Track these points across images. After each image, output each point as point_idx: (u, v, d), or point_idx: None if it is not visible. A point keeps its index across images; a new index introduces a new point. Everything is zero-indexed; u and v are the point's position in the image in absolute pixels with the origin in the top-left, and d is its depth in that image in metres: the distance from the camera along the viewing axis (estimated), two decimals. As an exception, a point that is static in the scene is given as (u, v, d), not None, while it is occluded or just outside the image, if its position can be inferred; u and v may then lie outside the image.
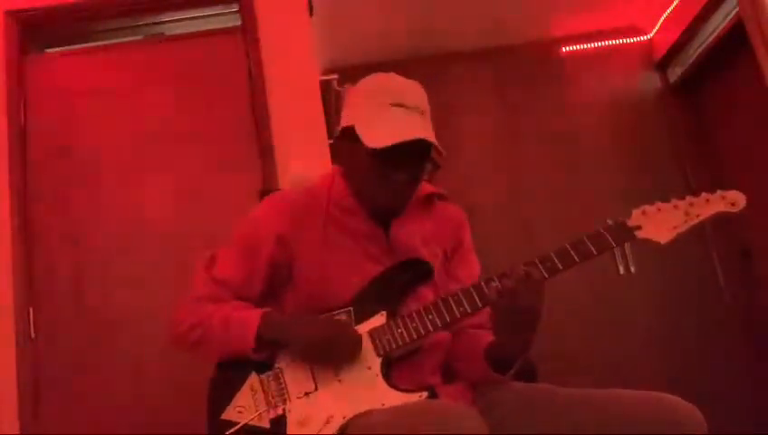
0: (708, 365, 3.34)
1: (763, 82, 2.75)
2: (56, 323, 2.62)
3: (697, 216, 1.18)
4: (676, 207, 1.18)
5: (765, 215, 2.82)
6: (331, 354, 1.21)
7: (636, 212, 1.20)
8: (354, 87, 1.36)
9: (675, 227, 1.17)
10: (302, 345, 1.22)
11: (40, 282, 2.66)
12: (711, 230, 3.49)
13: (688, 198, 1.19)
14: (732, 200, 1.18)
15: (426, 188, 1.39)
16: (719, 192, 1.18)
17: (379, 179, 1.26)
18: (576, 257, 1.17)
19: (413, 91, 1.29)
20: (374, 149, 1.22)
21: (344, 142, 1.32)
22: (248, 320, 1.23)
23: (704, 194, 1.18)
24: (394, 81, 1.31)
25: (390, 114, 1.24)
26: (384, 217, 1.33)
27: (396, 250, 1.31)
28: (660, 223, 1.18)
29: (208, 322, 1.28)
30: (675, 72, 3.76)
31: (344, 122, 1.31)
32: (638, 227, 1.18)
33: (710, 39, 3.37)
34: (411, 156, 1.24)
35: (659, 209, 1.19)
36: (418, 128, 1.23)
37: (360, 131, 1.25)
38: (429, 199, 1.40)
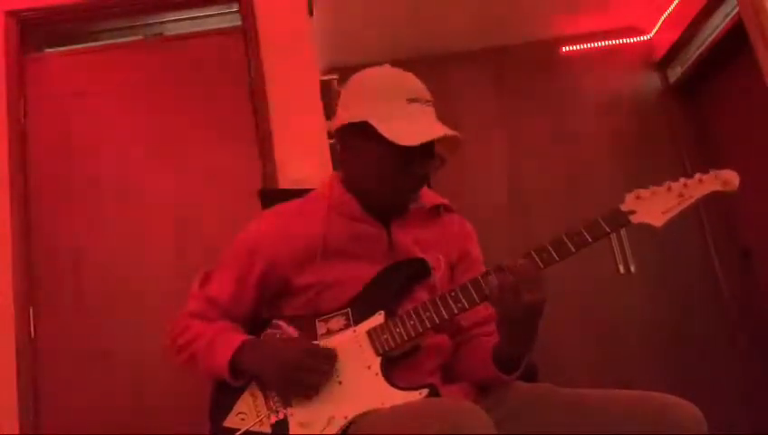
0: (708, 365, 3.34)
1: (763, 81, 2.75)
2: (56, 323, 2.62)
3: (691, 196, 1.16)
4: (669, 189, 1.17)
5: (765, 215, 2.82)
6: (301, 382, 1.20)
7: (630, 196, 1.18)
8: (355, 81, 1.35)
9: (669, 210, 1.16)
10: (270, 380, 1.23)
11: (40, 282, 2.66)
12: (711, 230, 3.49)
13: (682, 180, 1.17)
14: (725, 179, 1.15)
15: (433, 198, 1.39)
16: (712, 172, 1.16)
17: (399, 174, 1.27)
18: (571, 246, 1.15)
19: (417, 83, 1.32)
20: (400, 147, 1.23)
21: (352, 139, 1.31)
22: (223, 352, 1.24)
23: (697, 174, 1.16)
24: (399, 74, 1.33)
25: (410, 111, 1.26)
26: (386, 219, 1.33)
27: (396, 252, 1.31)
28: (654, 206, 1.16)
29: (194, 346, 1.30)
30: (675, 72, 3.76)
31: (352, 118, 1.29)
32: (633, 212, 1.17)
33: (710, 39, 3.37)
34: (431, 151, 1.28)
35: (654, 193, 1.18)
36: (438, 124, 1.27)
37: (381, 129, 1.24)
38: (436, 210, 1.40)
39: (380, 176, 1.29)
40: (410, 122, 1.25)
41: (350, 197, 1.33)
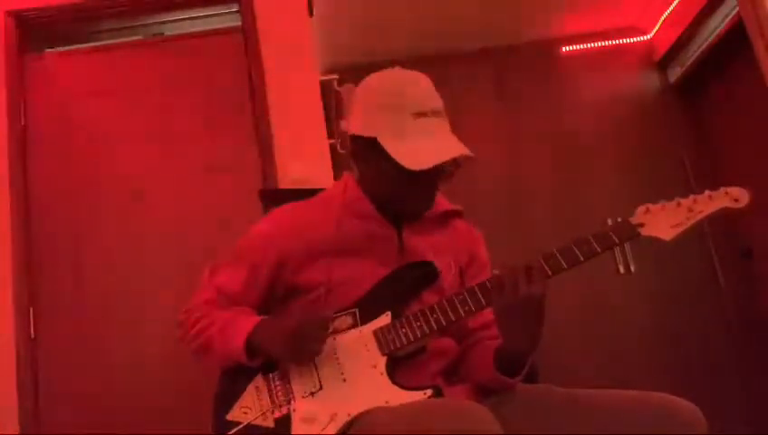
0: (708, 365, 3.34)
1: (763, 82, 2.75)
2: (56, 323, 2.62)
3: (701, 212, 1.17)
4: (679, 204, 1.18)
5: (765, 215, 2.82)
6: (302, 344, 1.20)
7: (639, 209, 1.19)
8: (364, 89, 1.33)
9: (678, 224, 1.16)
10: (277, 355, 1.23)
11: (40, 282, 2.66)
12: (711, 230, 3.49)
13: (691, 196, 1.18)
14: (735, 196, 1.16)
15: (444, 204, 1.40)
16: (722, 188, 1.17)
17: (407, 192, 1.28)
18: (580, 256, 1.16)
19: (427, 91, 1.29)
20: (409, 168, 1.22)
21: (363, 150, 1.31)
22: (239, 332, 1.24)
23: (707, 191, 1.18)
24: (406, 84, 1.29)
25: (416, 127, 1.24)
26: (398, 221, 1.33)
27: (406, 254, 1.31)
28: (664, 220, 1.17)
29: (208, 332, 1.29)
30: (675, 72, 3.76)
31: (362, 131, 1.29)
32: (642, 225, 1.18)
33: (710, 39, 3.37)
34: (442, 169, 1.26)
35: (663, 207, 1.18)
36: (449, 140, 1.25)
37: (390, 150, 1.23)
38: (446, 216, 1.40)
39: (390, 191, 1.30)
40: (419, 140, 1.23)
41: (364, 197, 1.33)
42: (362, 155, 1.32)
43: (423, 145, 1.22)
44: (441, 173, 1.28)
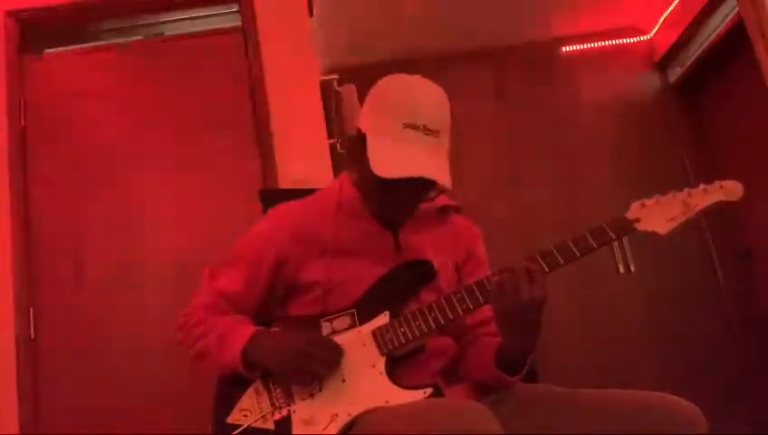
0: (708, 365, 3.34)
1: (763, 82, 2.75)
2: (56, 323, 2.62)
3: (696, 205, 1.17)
4: (674, 198, 1.19)
5: (765, 215, 2.82)
6: (304, 368, 1.20)
7: (635, 205, 1.20)
8: (375, 87, 1.31)
9: (674, 218, 1.17)
10: (276, 369, 1.23)
11: (40, 282, 2.66)
12: (711, 230, 3.49)
13: (686, 190, 1.18)
14: (730, 190, 1.17)
15: (441, 200, 1.39)
16: (717, 182, 1.18)
17: (382, 195, 1.27)
18: (576, 251, 1.17)
19: (430, 107, 1.24)
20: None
21: (356, 146, 1.30)
22: (235, 345, 1.24)
23: (702, 185, 1.18)
24: (411, 93, 1.26)
25: (401, 137, 1.21)
26: (393, 222, 1.33)
27: (403, 253, 1.31)
28: (659, 215, 1.17)
29: (205, 340, 1.29)
30: (675, 72, 3.76)
31: (358, 124, 1.30)
32: (638, 220, 1.18)
33: (710, 39, 3.37)
34: (414, 183, 1.23)
35: (658, 202, 1.19)
36: (426, 159, 1.21)
37: (369, 149, 1.24)
38: (444, 211, 1.40)
39: (370, 190, 1.30)
40: (398, 149, 1.21)
41: (359, 197, 1.33)
42: (354, 151, 1.32)
43: (398, 154, 1.20)
44: (412, 186, 1.23)
